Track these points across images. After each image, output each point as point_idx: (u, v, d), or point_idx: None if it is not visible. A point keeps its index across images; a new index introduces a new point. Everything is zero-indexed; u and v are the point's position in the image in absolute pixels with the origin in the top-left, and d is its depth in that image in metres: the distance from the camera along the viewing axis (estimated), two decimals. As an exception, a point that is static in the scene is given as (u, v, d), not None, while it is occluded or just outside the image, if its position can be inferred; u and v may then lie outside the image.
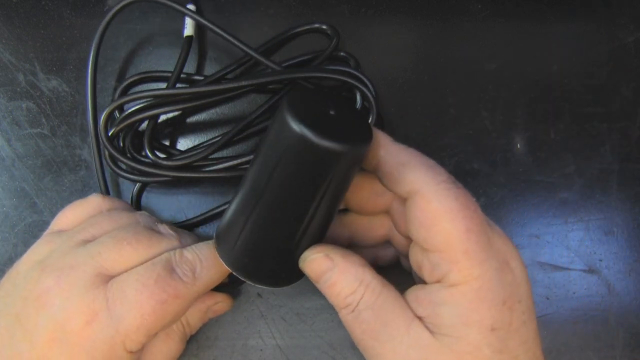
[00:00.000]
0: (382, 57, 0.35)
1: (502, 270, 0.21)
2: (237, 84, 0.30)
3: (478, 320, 0.20)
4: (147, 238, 0.25)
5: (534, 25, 0.37)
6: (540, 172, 0.35)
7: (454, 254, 0.21)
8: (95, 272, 0.23)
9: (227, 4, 0.35)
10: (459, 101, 0.35)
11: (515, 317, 0.21)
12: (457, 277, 0.21)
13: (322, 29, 0.34)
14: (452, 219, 0.21)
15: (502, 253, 0.22)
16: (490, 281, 0.21)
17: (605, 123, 0.35)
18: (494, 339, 0.20)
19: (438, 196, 0.21)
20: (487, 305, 0.20)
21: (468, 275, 0.21)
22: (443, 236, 0.21)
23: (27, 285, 0.24)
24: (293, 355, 0.31)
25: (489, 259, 0.21)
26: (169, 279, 0.23)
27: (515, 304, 0.21)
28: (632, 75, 0.36)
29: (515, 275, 0.22)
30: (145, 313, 0.23)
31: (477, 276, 0.21)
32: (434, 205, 0.21)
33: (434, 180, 0.22)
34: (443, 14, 0.36)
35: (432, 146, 0.34)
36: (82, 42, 0.34)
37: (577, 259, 0.34)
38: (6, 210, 0.32)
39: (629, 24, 0.37)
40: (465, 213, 0.21)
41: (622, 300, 0.33)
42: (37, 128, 0.33)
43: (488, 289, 0.21)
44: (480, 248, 0.21)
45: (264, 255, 0.24)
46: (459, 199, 0.21)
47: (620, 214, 0.34)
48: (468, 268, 0.21)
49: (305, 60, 0.33)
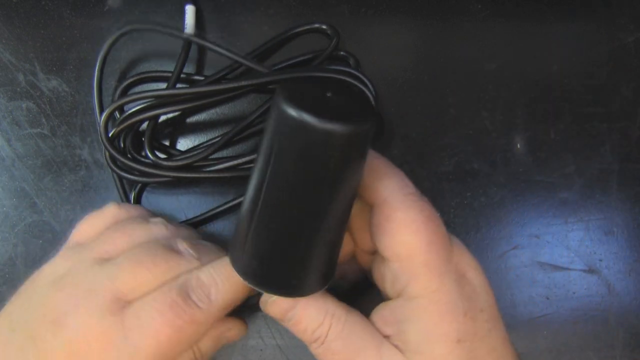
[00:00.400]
0: (382, 57, 0.35)
1: (460, 283, 0.21)
2: (237, 84, 0.30)
3: (443, 334, 0.21)
4: (164, 260, 0.24)
5: (534, 25, 0.37)
6: (540, 172, 0.35)
7: (414, 265, 0.21)
8: (113, 297, 0.23)
9: (227, 4, 0.35)
10: (459, 101, 0.35)
11: (479, 327, 0.21)
12: (415, 289, 0.21)
13: (322, 29, 0.34)
14: (415, 230, 0.21)
15: (460, 265, 0.22)
16: (449, 293, 0.21)
17: (605, 123, 0.35)
18: (460, 350, 0.21)
19: (404, 206, 0.22)
20: (449, 318, 0.21)
21: (427, 288, 0.21)
22: (405, 246, 0.21)
23: (43, 305, 0.23)
24: (293, 355, 0.31)
25: (448, 271, 0.21)
26: (184, 305, 0.23)
27: (477, 313, 0.21)
28: (632, 75, 0.36)
29: (473, 285, 0.22)
30: (160, 340, 0.22)
31: (436, 289, 0.21)
32: (399, 214, 0.21)
33: (402, 191, 0.22)
34: (443, 14, 0.36)
35: (432, 146, 0.34)
36: (82, 42, 0.34)
37: (577, 259, 0.34)
38: (6, 210, 0.32)
39: (629, 24, 0.37)
40: (428, 226, 0.21)
41: (622, 300, 0.33)
42: (37, 128, 0.33)
43: (448, 302, 0.21)
44: (440, 261, 0.21)
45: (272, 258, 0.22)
46: (424, 212, 0.22)
47: (620, 214, 0.34)
48: (427, 280, 0.21)
49: (305, 60, 0.33)
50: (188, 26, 0.33)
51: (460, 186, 0.34)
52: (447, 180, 0.34)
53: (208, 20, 0.35)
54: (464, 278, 0.22)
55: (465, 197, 0.34)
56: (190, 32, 0.33)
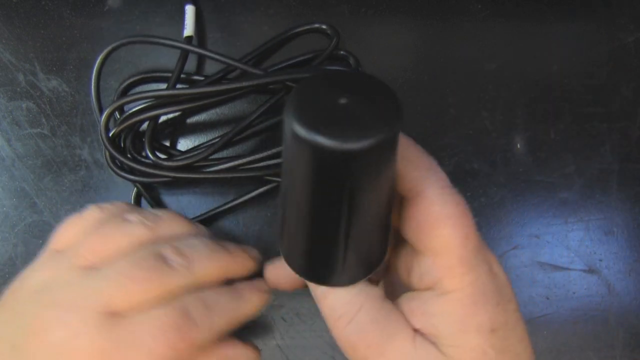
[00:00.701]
0: (382, 57, 0.35)
1: (492, 274, 0.21)
2: (237, 85, 0.30)
3: (477, 324, 0.20)
4: (156, 275, 0.24)
5: (534, 25, 0.37)
6: (540, 172, 0.35)
7: (450, 260, 0.21)
8: (102, 311, 0.22)
9: (227, 4, 0.35)
10: (459, 101, 0.35)
11: (509, 317, 0.21)
12: (451, 284, 0.21)
13: (322, 28, 0.34)
14: (453, 225, 0.21)
15: (487, 257, 0.22)
16: (483, 285, 0.21)
17: (605, 123, 0.35)
18: (495, 340, 0.21)
19: (441, 200, 0.21)
20: (483, 308, 0.21)
21: (462, 281, 0.21)
22: (442, 240, 0.21)
23: (26, 318, 0.23)
24: (293, 355, 0.31)
25: (480, 264, 0.21)
26: (186, 326, 0.23)
27: (507, 304, 0.21)
28: (632, 75, 0.36)
29: (499, 278, 0.22)
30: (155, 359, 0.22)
31: (471, 282, 0.21)
32: (436, 208, 0.21)
33: (438, 184, 0.22)
34: (443, 14, 0.36)
35: (432, 146, 0.34)
36: (82, 42, 0.34)
37: (577, 259, 0.34)
38: (6, 210, 0.32)
39: (629, 24, 0.37)
40: (465, 220, 0.21)
41: (622, 300, 0.33)
42: (37, 128, 0.33)
43: (482, 293, 0.21)
44: (474, 254, 0.21)
45: (317, 258, 0.22)
46: (460, 205, 0.21)
47: (620, 214, 0.34)
48: (462, 274, 0.21)
49: (305, 60, 0.33)
50: (188, 26, 0.33)
51: (460, 186, 0.34)
52: (447, 180, 0.34)
53: (208, 20, 0.35)
54: (492, 269, 0.22)
55: (465, 197, 0.34)
56: (189, 32, 0.33)
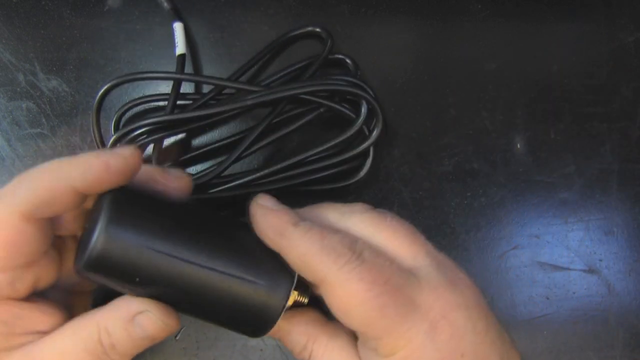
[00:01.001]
0: (382, 57, 0.35)
1: (434, 330, 0.21)
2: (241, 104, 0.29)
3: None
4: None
5: (534, 25, 0.37)
6: (540, 172, 0.35)
7: (375, 333, 0.21)
8: None
9: (227, 4, 0.35)
10: (459, 101, 0.35)
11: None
12: (385, 351, 0.21)
13: (316, 32, 0.34)
14: (361, 303, 0.21)
15: (436, 309, 0.21)
16: (419, 348, 0.20)
17: (605, 123, 0.35)
18: None
19: (341, 281, 0.21)
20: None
21: (395, 347, 0.21)
22: (358, 321, 0.21)
23: None
24: (293, 355, 0.31)
25: (414, 325, 0.21)
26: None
27: (456, 358, 0.21)
28: (632, 75, 0.36)
29: (455, 327, 0.21)
30: None
31: (404, 346, 0.21)
32: (340, 292, 0.21)
33: (335, 265, 0.21)
34: (443, 14, 0.36)
35: (432, 146, 0.34)
36: (82, 42, 0.34)
37: (577, 259, 0.34)
38: (6, 210, 0.32)
39: (629, 24, 0.37)
40: (374, 292, 0.20)
41: (622, 300, 0.33)
42: (37, 128, 0.33)
43: (418, 357, 0.21)
44: (401, 319, 0.20)
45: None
46: (364, 278, 0.21)
47: (620, 214, 0.34)
48: (392, 342, 0.21)
49: (302, 67, 0.33)
50: (179, 44, 0.32)
51: (460, 186, 0.34)
52: (447, 180, 0.34)
53: (208, 20, 0.35)
54: (440, 324, 0.21)
55: (465, 197, 0.34)
56: (181, 50, 0.32)
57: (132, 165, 0.22)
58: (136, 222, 0.21)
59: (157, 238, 0.21)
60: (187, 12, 0.35)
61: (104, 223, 0.21)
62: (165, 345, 0.31)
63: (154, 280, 0.21)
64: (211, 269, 0.22)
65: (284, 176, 0.30)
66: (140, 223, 0.22)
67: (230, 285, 0.22)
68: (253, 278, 0.22)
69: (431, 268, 0.22)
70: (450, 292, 0.22)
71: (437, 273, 0.22)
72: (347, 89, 0.30)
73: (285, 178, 0.30)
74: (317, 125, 0.33)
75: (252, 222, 0.23)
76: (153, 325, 0.22)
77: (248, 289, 0.22)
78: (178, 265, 0.21)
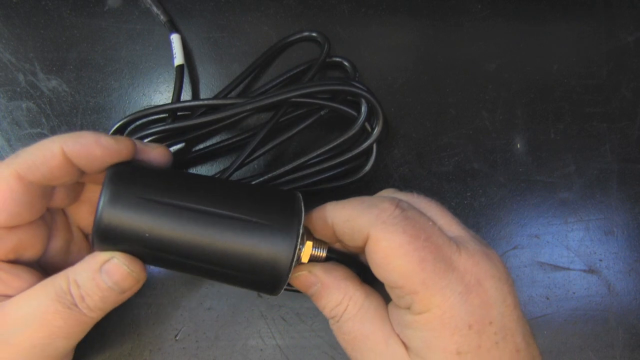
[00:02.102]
0: (382, 57, 0.35)
1: (468, 294, 0.21)
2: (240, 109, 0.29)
3: (442, 346, 0.21)
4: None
5: (534, 25, 0.37)
6: (540, 172, 0.35)
7: (412, 287, 0.21)
8: None
9: (227, 4, 0.35)
10: (459, 101, 0.35)
11: (484, 339, 0.21)
12: (419, 307, 0.21)
13: (312, 36, 0.34)
14: (403, 254, 0.21)
15: (472, 274, 0.22)
16: (452, 307, 0.21)
17: (605, 123, 0.35)
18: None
19: (385, 234, 0.22)
20: (449, 331, 0.21)
21: (429, 304, 0.21)
22: (398, 272, 0.21)
23: None
24: (293, 355, 0.31)
25: (450, 284, 0.21)
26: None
27: (485, 326, 0.21)
28: (632, 75, 0.36)
29: (488, 295, 0.21)
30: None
31: (439, 304, 0.21)
32: (383, 244, 0.22)
33: (378, 220, 0.22)
34: (443, 14, 0.36)
35: (432, 146, 0.34)
36: (82, 42, 0.34)
37: (577, 259, 0.34)
38: (6, 210, 0.32)
39: (629, 24, 0.37)
40: (415, 245, 0.21)
41: (622, 300, 0.33)
42: (37, 128, 0.33)
43: (451, 316, 0.21)
44: (439, 276, 0.21)
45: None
46: (407, 232, 0.21)
47: (620, 214, 0.34)
48: (428, 297, 0.21)
49: (300, 72, 0.33)
50: (177, 55, 0.33)
51: (460, 186, 0.34)
52: (447, 180, 0.34)
53: (208, 20, 0.35)
54: (478, 287, 0.21)
55: (465, 197, 0.34)
56: (180, 61, 0.33)
57: (123, 146, 0.23)
58: (137, 181, 0.22)
59: (159, 190, 0.22)
60: (187, 13, 0.35)
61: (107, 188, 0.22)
62: (165, 345, 0.31)
63: (162, 235, 0.22)
64: (215, 214, 0.22)
65: (291, 178, 0.31)
66: (142, 181, 0.22)
67: (237, 228, 0.22)
68: (259, 219, 0.22)
69: (468, 239, 0.23)
70: (486, 261, 0.22)
71: (473, 243, 0.23)
72: (345, 89, 0.30)
73: (293, 180, 0.31)
74: (316, 128, 0.33)
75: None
76: (118, 270, 0.23)
77: (255, 231, 0.22)
78: (184, 214, 0.22)
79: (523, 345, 0.22)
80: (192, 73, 0.35)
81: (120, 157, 0.23)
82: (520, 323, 0.22)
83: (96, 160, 0.23)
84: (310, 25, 0.35)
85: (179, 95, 0.32)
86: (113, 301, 0.24)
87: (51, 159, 0.22)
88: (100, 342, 0.30)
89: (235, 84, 0.33)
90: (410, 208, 0.23)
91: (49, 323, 0.22)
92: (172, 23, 0.34)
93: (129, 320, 0.31)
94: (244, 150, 0.30)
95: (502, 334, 0.21)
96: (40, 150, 0.22)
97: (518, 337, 0.22)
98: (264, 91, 0.32)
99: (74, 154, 0.22)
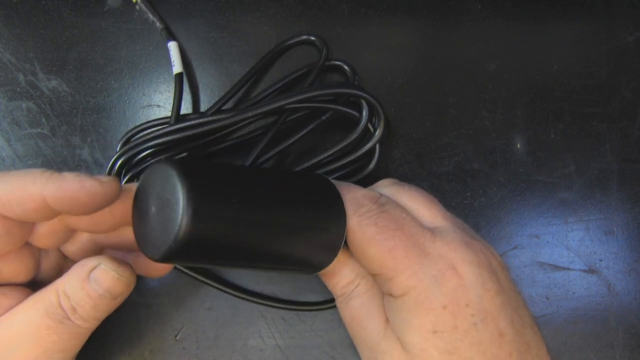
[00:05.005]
0: (382, 57, 0.35)
1: (442, 277, 0.22)
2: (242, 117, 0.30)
3: (418, 325, 0.22)
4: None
5: (534, 25, 0.37)
6: (540, 172, 0.35)
7: (387, 273, 0.23)
8: None
9: (227, 4, 0.35)
10: (459, 101, 0.35)
11: (460, 320, 0.22)
12: (397, 291, 0.23)
13: (311, 40, 0.34)
14: (375, 245, 0.23)
15: (446, 259, 0.23)
16: (426, 289, 0.22)
17: (605, 123, 0.35)
18: (438, 340, 0.22)
19: (359, 227, 0.23)
20: (424, 311, 0.22)
21: (405, 287, 0.22)
22: (373, 261, 0.23)
23: None
24: (293, 355, 0.31)
25: (423, 268, 0.22)
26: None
27: (460, 307, 0.22)
28: (632, 75, 0.36)
29: (463, 279, 0.22)
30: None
31: (414, 286, 0.22)
32: (358, 235, 0.23)
33: (355, 213, 0.24)
34: (443, 14, 0.36)
35: (432, 146, 0.34)
36: (82, 42, 0.34)
37: (577, 259, 0.34)
38: (6, 210, 0.32)
39: (629, 24, 0.37)
40: (385, 235, 0.23)
41: (622, 300, 0.33)
42: (37, 128, 0.33)
43: (425, 297, 0.22)
44: (412, 261, 0.22)
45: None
46: (377, 224, 0.23)
47: (620, 214, 0.34)
48: (403, 281, 0.22)
49: (299, 76, 0.33)
50: (175, 63, 0.33)
51: (460, 186, 0.34)
52: (447, 180, 0.34)
53: (208, 20, 0.35)
54: (448, 273, 0.22)
55: (465, 197, 0.34)
56: (178, 69, 0.32)
57: (109, 188, 0.21)
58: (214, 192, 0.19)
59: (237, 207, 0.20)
60: (187, 13, 0.35)
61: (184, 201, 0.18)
62: (165, 345, 0.31)
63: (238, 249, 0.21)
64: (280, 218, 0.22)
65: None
66: (219, 191, 0.19)
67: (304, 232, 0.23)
68: (321, 224, 0.23)
69: (448, 228, 0.24)
70: (463, 249, 0.23)
71: (452, 232, 0.24)
72: (345, 91, 0.30)
73: None
74: (317, 130, 0.33)
75: None
76: (106, 276, 0.22)
77: (317, 232, 0.23)
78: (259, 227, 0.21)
79: (510, 330, 0.22)
80: (192, 76, 0.35)
81: (107, 200, 0.22)
82: (505, 309, 0.22)
83: (79, 207, 0.21)
84: (310, 25, 0.35)
85: (178, 106, 0.31)
86: (105, 308, 0.23)
87: (29, 202, 0.21)
88: (100, 342, 0.30)
89: (234, 90, 0.33)
90: (388, 202, 0.24)
91: (42, 340, 0.22)
92: (168, 30, 0.34)
93: (129, 320, 0.31)
94: (248, 157, 0.30)
95: (481, 316, 0.22)
96: (17, 189, 0.21)
97: (502, 321, 0.22)
98: (264, 96, 0.33)
99: (55, 200, 0.21)
